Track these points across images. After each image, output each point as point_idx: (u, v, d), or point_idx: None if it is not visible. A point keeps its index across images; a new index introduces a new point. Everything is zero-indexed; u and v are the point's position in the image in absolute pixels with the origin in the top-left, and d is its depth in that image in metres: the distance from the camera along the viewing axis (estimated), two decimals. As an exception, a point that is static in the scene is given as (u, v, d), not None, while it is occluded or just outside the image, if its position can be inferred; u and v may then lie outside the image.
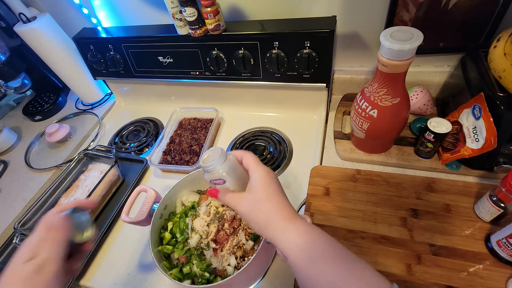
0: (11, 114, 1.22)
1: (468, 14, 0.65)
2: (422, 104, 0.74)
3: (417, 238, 0.57)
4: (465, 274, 0.52)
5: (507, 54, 0.52)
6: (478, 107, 0.57)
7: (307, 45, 0.72)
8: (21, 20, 0.90)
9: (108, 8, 0.91)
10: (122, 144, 0.96)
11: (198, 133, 0.90)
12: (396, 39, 0.51)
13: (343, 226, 0.61)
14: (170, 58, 0.86)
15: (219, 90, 0.95)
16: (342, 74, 0.86)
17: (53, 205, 0.77)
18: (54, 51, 0.96)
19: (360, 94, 0.64)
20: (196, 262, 0.57)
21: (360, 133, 0.67)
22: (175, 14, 0.75)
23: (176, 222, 0.63)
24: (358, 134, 0.69)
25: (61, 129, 0.99)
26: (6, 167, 0.98)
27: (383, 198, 0.64)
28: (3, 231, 0.80)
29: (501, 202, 0.52)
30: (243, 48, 0.77)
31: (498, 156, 0.60)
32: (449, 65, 0.77)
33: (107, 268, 0.68)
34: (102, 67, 0.95)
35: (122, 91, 1.10)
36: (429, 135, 0.63)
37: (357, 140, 0.73)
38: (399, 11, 0.68)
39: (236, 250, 0.58)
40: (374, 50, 0.79)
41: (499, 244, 0.51)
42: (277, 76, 0.80)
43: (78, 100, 1.17)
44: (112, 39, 0.88)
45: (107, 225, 0.73)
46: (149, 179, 0.85)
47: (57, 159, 0.96)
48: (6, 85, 1.00)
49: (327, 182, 0.69)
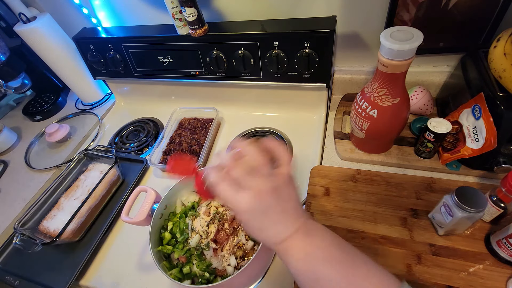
0: (11, 114, 1.22)
1: (468, 14, 0.65)
2: (422, 104, 0.74)
3: (417, 238, 0.57)
4: (465, 274, 0.52)
5: (507, 54, 0.52)
6: (478, 107, 0.57)
7: (307, 45, 0.72)
8: (21, 20, 0.90)
9: (108, 8, 0.91)
10: (122, 144, 0.95)
11: (198, 133, 0.90)
12: (396, 39, 0.51)
13: (343, 226, 0.61)
14: (170, 58, 0.86)
15: (219, 90, 0.95)
16: (342, 74, 0.86)
17: (53, 205, 0.78)
18: (54, 51, 0.96)
19: (360, 94, 0.64)
20: (196, 262, 0.57)
21: (360, 133, 0.67)
22: (175, 14, 0.75)
23: (176, 222, 0.63)
24: (358, 134, 0.69)
25: (61, 129, 0.99)
26: (6, 167, 0.98)
27: (383, 198, 0.64)
28: (3, 231, 0.80)
29: (501, 202, 0.52)
30: (243, 48, 0.77)
31: (498, 156, 0.60)
32: (449, 65, 0.77)
33: (107, 268, 0.68)
34: (102, 67, 0.95)
35: (122, 91, 1.10)
36: (429, 135, 0.63)
37: (357, 140, 0.73)
38: (399, 11, 0.68)
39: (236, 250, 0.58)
40: (374, 50, 0.79)
41: (499, 244, 0.51)
42: (277, 76, 0.80)
43: (78, 100, 1.17)
44: (112, 39, 0.88)
45: (107, 225, 0.73)
46: (149, 179, 0.85)
47: (57, 159, 0.96)
48: (6, 85, 1.00)
49: (327, 182, 0.69)
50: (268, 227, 0.36)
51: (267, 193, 0.35)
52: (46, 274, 0.69)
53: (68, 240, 0.70)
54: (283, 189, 0.36)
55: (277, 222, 0.36)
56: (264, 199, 0.35)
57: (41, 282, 0.67)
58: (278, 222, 0.36)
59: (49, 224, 0.73)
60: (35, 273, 0.69)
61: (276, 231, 0.36)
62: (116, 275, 0.66)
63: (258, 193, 0.35)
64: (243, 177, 0.35)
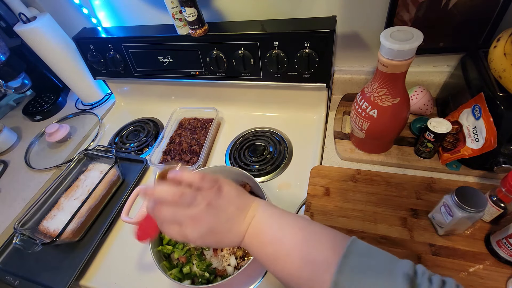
0: (11, 114, 1.22)
1: (468, 14, 0.65)
2: (422, 104, 0.74)
3: (417, 238, 0.57)
4: (465, 274, 0.52)
5: (507, 54, 0.52)
6: (478, 107, 0.57)
7: (307, 45, 0.72)
8: (21, 20, 0.90)
9: (108, 8, 0.91)
10: (122, 144, 0.96)
11: (198, 133, 0.90)
12: (396, 39, 0.51)
13: (343, 226, 0.61)
14: (170, 58, 0.86)
15: (219, 90, 0.95)
16: (342, 74, 0.86)
17: (53, 205, 0.77)
18: (54, 51, 0.96)
19: (360, 94, 0.64)
20: (196, 262, 0.57)
21: (360, 133, 0.67)
22: (175, 14, 0.75)
23: (176, 222, 0.62)
24: (358, 134, 0.69)
25: (61, 129, 0.99)
26: (6, 167, 0.98)
27: (383, 198, 0.64)
28: (3, 231, 0.80)
29: (501, 202, 0.52)
30: (243, 48, 0.77)
31: (498, 156, 0.60)
32: (449, 65, 0.77)
33: (107, 268, 0.68)
34: (102, 67, 0.95)
35: (122, 91, 1.10)
36: (429, 135, 0.63)
37: (357, 140, 0.73)
38: (399, 11, 0.68)
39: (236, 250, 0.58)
40: (374, 50, 0.79)
41: (499, 244, 0.51)
42: (277, 76, 0.80)
43: (78, 100, 1.17)
44: (112, 39, 0.88)
45: (107, 225, 0.73)
46: (149, 179, 0.85)
47: (57, 159, 0.96)
48: (6, 85, 1.00)
49: (327, 182, 0.69)
50: (223, 238, 0.38)
51: (203, 215, 0.36)
52: (46, 274, 0.68)
53: (68, 240, 0.70)
54: (215, 201, 0.37)
55: (228, 231, 0.37)
56: (204, 221, 0.36)
57: (41, 282, 0.67)
58: (228, 230, 0.37)
59: (49, 224, 0.73)
60: (35, 273, 0.69)
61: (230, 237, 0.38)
62: (116, 275, 0.66)
63: (196, 220, 0.36)
64: (173, 217, 0.37)
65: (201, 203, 0.36)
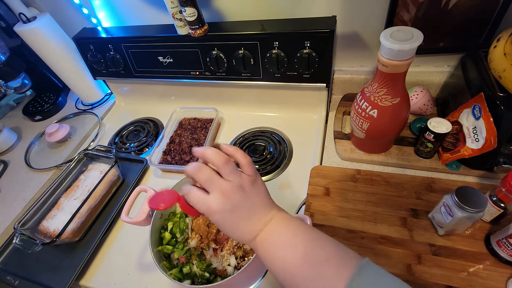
0: (11, 114, 1.22)
1: (468, 14, 0.65)
2: (422, 104, 0.74)
3: (417, 238, 0.57)
4: (465, 274, 0.52)
5: (507, 54, 0.52)
6: (478, 107, 0.57)
7: (307, 45, 0.72)
8: (21, 20, 0.90)
9: (108, 8, 0.91)
10: (122, 144, 0.96)
11: (198, 133, 0.90)
12: (396, 39, 0.51)
13: (343, 226, 0.61)
14: (170, 58, 0.86)
15: (219, 90, 0.95)
16: (342, 74, 0.86)
17: (53, 205, 0.77)
18: (54, 51, 0.96)
19: (360, 94, 0.64)
20: (196, 262, 0.57)
21: (360, 133, 0.67)
22: (175, 14, 0.75)
23: (176, 222, 0.63)
24: (358, 134, 0.69)
25: (61, 129, 0.99)
26: (6, 167, 0.98)
27: (383, 198, 0.64)
28: (3, 231, 0.80)
29: (501, 202, 0.52)
30: (243, 48, 0.77)
31: (498, 156, 0.60)
32: (449, 65, 0.77)
33: (107, 268, 0.68)
34: (102, 67, 0.95)
35: (122, 91, 1.10)
36: (429, 135, 0.63)
37: (357, 140, 0.73)
38: (399, 11, 0.68)
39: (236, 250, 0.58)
40: (374, 50, 0.79)
41: (499, 244, 0.51)
42: (277, 76, 0.80)
43: (78, 100, 1.17)
44: (112, 39, 0.88)
45: (107, 225, 0.73)
46: (149, 179, 0.85)
47: (57, 159, 0.96)
48: (6, 85, 1.00)
49: (327, 182, 0.69)
50: (239, 224, 0.38)
51: (233, 192, 0.38)
52: (46, 274, 0.68)
53: (68, 240, 0.70)
54: (248, 187, 0.39)
55: (247, 219, 0.38)
56: (231, 197, 0.37)
57: (41, 282, 0.67)
58: (247, 218, 0.38)
59: (49, 224, 0.73)
60: (35, 273, 0.69)
61: (246, 227, 0.38)
62: (116, 275, 0.66)
63: (225, 192, 0.37)
64: (208, 181, 0.38)
65: (237, 181, 0.38)
